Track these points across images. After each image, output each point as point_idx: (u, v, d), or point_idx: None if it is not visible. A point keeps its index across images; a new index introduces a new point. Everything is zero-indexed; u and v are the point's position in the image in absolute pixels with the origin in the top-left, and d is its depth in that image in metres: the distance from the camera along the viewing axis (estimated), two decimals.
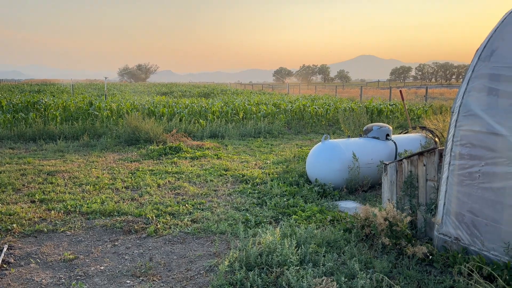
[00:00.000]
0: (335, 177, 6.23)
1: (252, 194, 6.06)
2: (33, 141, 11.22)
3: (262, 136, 12.82)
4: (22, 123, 12.20)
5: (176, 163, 8.60)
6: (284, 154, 9.67)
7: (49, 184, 6.67)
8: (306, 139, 12.65)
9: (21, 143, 10.94)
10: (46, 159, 8.81)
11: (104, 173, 7.55)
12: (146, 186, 6.61)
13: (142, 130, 11.18)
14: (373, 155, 6.45)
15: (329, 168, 6.26)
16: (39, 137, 11.38)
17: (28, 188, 6.41)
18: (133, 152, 9.93)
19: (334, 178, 6.23)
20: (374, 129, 6.78)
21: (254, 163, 8.70)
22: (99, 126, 12.54)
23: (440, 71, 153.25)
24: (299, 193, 5.93)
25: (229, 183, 6.83)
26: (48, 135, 11.57)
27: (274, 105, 17.82)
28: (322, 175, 6.31)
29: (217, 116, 14.98)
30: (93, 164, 8.38)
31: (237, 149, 10.61)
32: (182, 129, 12.60)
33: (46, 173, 7.48)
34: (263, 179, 6.96)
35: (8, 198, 5.81)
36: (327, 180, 6.24)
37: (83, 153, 9.71)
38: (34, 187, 6.49)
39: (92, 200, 5.69)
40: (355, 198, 6.03)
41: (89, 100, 17.58)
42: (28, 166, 7.98)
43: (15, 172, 7.45)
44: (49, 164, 8.19)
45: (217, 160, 9.00)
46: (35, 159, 8.70)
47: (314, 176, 6.44)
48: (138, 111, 14.51)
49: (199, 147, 10.60)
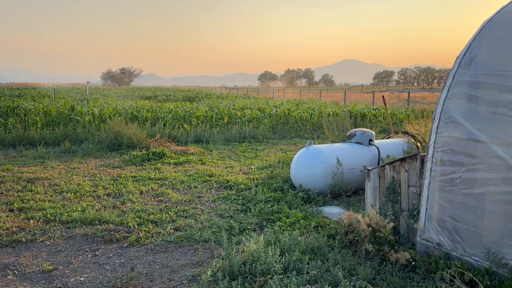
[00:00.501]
0: (319, 182, 6.24)
1: (237, 201, 6.02)
2: (12, 147, 10.97)
3: (247, 140, 12.80)
4: (1, 128, 11.90)
5: (160, 169, 8.51)
6: (268, 159, 9.66)
7: (29, 192, 6.51)
8: (291, 144, 12.68)
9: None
10: (26, 166, 8.61)
11: (85, 180, 7.41)
12: (128, 193, 6.51)
13: (125, 136, 11.04)
14: (357, 160, 6.49)
15: (313, 174, 6.27)
16: (19, 143, 11.12)
17: (6, 196, 6.24)
18: (115, 158, 9.79)
19: (318, 184, 6.24)
20: (357, 135, 6.83)
21: (238, 168, 8.67)
22: (81, 131, 12.34)
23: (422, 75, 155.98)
24: (284, 199, 5.92)
25: (214, 189, 6.78)
26: (28, 141, 11.32)
27: (259, 110, 17.84)
28: (306, 180, 6.32)
29: (202, 121, 14.90)
30: (74, 171, 8.22)
31: (222, 154, 10.56)
32: (166, 134, 12.49)
33: (26, 180, 7.30)
34: (247, 185, 6.93)
35: None
36: (311, 186, 6.24)
37: (64, 159, 9.52)
38: (12, 195, 6.32)
39: (73, 208, 5.57)
40: (339, 203, 6.04)
41: (70, 105, 17.30)
42: (6, 173, 7.78)
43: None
44: (29, 171, 8.00)
45: (202, 165, 8.93)
46: (14, 166, 8.49)
47: (298, 181, 6.44)
48: (121, 116, 14.33)
49: (183, 152, 10.51)
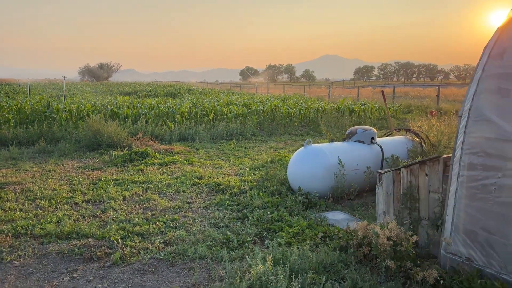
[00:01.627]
0: (319, 185, 5.76)
1: (231, 207, 5.48)
2: None
3: (235, 138, 12.23)
4: None
5: (143, 170, 7.88)
6: (260, 158, 9.14)
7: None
8: (280, 141, 12.18)
9: None
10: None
11: (62, 184, 6.74)
12: (110, 199, 5.88)
13: (105, 134, 10.32)
14: (359, 161, 6.04)
15: (313, 176, 5.79)
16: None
17: None
18: (94, 158, 9.09)
19: (318, 186, 5.76)
20: (359, 132, 6.37)
21: (229, 169, 8.12)
22: (57, 130, 11.53)
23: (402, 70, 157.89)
24: (283, 204, 5.41)
25: (204, 194, 6.22)
26: (0, 141, 10.48)
27: (245, 105, 17.26)
28: (306, 183, 5.83)
29: (186, 118, 14.24)
30: (50, 174, 7.52)
31: (209, 153, 9.98)
32: (148, 132, 11.81)
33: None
34: (241, 188, 6.39)
35: None
36: (311, 189, 5.76)
37: (38, 160, 8.78)
38: None
39: (47, 219, 4.93)
40: (342, 208, 5.58)
41: (46, 101, 16.36)
42: None
43: None
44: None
45: (189, 166, 8.34)
46: None
47: (297, 184, 5.94)
48: (100, 113, 13.54)
49: (168, 151, 9.89)
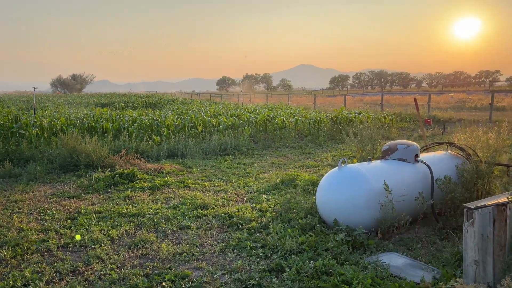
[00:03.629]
0: (362, 216, 4.60)
1: (255, 250, 4.24)
2: None
3: (230, 153, 10.98)
4: None
5: (132, 197, 6.55)
6: (265, 178, 7.93)
7: None
8: (280, 155, 11.01)
9: None
10: None
11: (30, 221, 5.34)
12: (94, 243, 4.55)
13: (82, 153, 8.88)
14: (405, 184, 4.92)
15: (353, 205, 4.63)
16: None
17: None
18: (71, 182, 7.67)
19: (360, 218, 4.60)
20: (400, 149, 5.27)
21: (234, 192, 6.88)
22: (26, 148, 10.00)
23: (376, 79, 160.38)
24: (322, 245, 4.20)
25: (215, 231, 4.94)
26: None
27: (234, 116, 16.05)
28: (344, 214, 4.66)
29: (173, 131, 12.91)
30: (16, 206, 6.09)
31: (205, 172, 8.70)
32: (132, 148, 10.40)
33: None
34: (259, 220, 5.16)
35: None
36: (351, 221, 4.59)
37: (2, 187, 7.30)
38: None
39: (8, 284, 3.56)
40: (394, 247, 4.43)
41: (14, 115, 14.68)
42: None
43: None
44: None
45: (185, 190, 7.05)
46: None
47: (331, 215, 4.76)
48: (75, 127, 12.05)
49: (157, 171, 8.55)
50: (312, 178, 7.02)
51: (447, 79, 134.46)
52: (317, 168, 8.94)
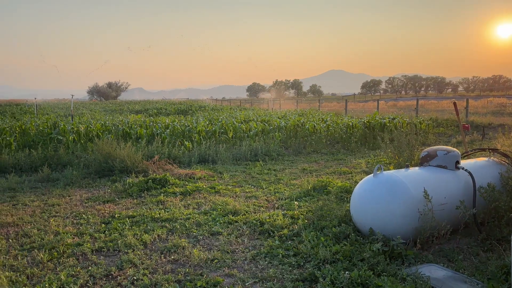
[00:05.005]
0: (399, 225, 4.41)
1: (288, 259, 4.14)
2: None
3: (260, 158, 10.92)
4: None
5: (164, 202, 6.60)
6: (297, 184, 7.81)
7: None
8: (311, 161, 10.85)
9: None
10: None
11: (66, 225, 5.46)
12: (127, 247, 4.59)
13: (117, 158, 9.07)
14: (445, 192, 4.69)
15: (390, 213, 4.44)
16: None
17: None
18: (106, 187, 7.84)
19: (397, 228, 4.41)
20: (440, 155, 5.03)
21: (264, 198, 6.80)
22: (64, 153, 10.32)
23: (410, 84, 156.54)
24: (358, 255, 4.05)
25: (246, 237, 4.88)
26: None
27: (264, 122, 16.02)
28: (380, 223, 4.48)
29: (204, 137, 13.01)
30: (53, 210, 6.26)
31: (235, 177, 8.68)
32: (165, 154, 10.54)
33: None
34: (291, 228, 5.06)
35: None
36: (387, 231, 4.41)
37: (41, 191, 7.53)
38: None
39: (44, 286, 3.62)
40: (434, 258, 4.22)
41: (53, 122, 15.26)
42: None
43: None
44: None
45: (216, 195, 7.04)
46: None
47: (366, 224, 4.60)
48: (111, 133, 12.36)
49: (189, 177, 8.61)
50: (345, 185, 6.84)
51: (485, 83, 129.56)
52: (350, 174, 8.73)
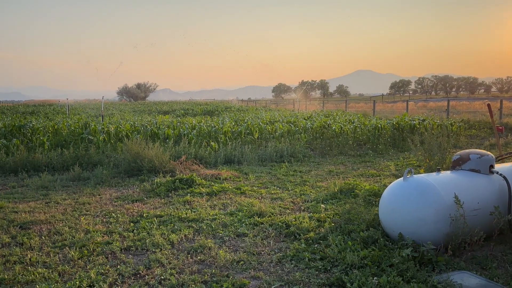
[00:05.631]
0: (429, 231, 4.29)
1: (314, 263, 4.10)
2: (14, 174, 9.28)
3: (286, 160, 10.88)
4: (2, 151, 10.27)
5: (190, 203, 6.67)
6: (323, 186, 7.73)
7: (18, 246, 4.71)
8: (338, 163, 10.72)
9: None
10: (24, 201, 6.87)
11: (96, 223, 5.60)
12: (155, 246, 4.66)
13: (145, 158, 9.25)
14: (478, 197, 4.53)
15: (420, 218, 4.33)
16: (22, 168, 9.42)
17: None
18: (134, 186, 8.00)
19: (428, 233, 4.29)
20: (473, 159, 4.87)
21: (290, 200, 6.77)
22: (94, 153, 10.60)
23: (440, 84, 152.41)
24: (386, 261, 3.96)
25: (272, 240, 4.87)
26: (33, 166, 9.62)
27: (290, 123, 15.95)
28: (409, 228, 4.37)
29: (229, 137, 13.08)
30: (84, 208, 6.43)
31: (261, 179, 8.67)
32: (191, 154, 10.66)
33: (19, 225, 5.52)
34: (317, 231, 5.01)
35: None
36: (417, 236, 4.30)
37: (72, 190, 7.76)
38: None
39: (75, 283, 3.72)
40: (466, 265, 4.07)
41: (84, 122, 15.71)
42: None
43: None
44: (26, 210, 6.24)
45: (241, 196, 7.05)
46: (10, 202, 6.75)
47: (395, 229, 4.50)
48: (139, 133, 12.61)
49: (214, 177, 8.67)
50: (373, 188, 6.72)
51: None
52: (378, 177, 8.57)
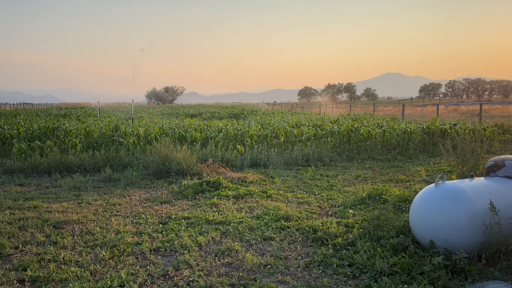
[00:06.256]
0: (462, 239, 4.17)
1: (342, 269, 4.05)
2: (47, 175, 9.62)
3: (312, 164, 10.81)
4: (37, 152, 10.67)
5: (217, 205, 6.73)
6: (350, 191, 7.64)
7: (52, 245, 4.88)
8: (366, 168, 10.56)
9: (33, 177, 9.35)
10: (57, 201, 7.11)
11: (127, 224, 5.73)
12: (183, 248, 4.73)
13: (173, 160, 9.40)
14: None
15: (453, 226, 4.21)
16: (55, 169, 9.76)
17: (21, 254, 4.63)
18: (163, 188, 8.14)
19: (460, 241, 4.17)
20: (508, 165, 4.70)
21: (317, 205, 6.72)
22: (124, 155, 10.87)
23: (472, 87, 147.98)
24: (417, 268, 3.88)
25: (298, 244, 4.84)
26: (66, 167, 9.95)
27: (317, 127, 15.84)
28: (441, 235, 4.26)
29: (255, 141, 13.12)
30: (114, 209, 6.59)
31: (287, 182, 8.65)
32: (218, 157, 10.76)
33: (53, 224, 5.72)
34: (345, 236, 4.95)
35: None
36: (449, 244, 4.19)
37: (103, 191, 7.97)
38: (31, 251, 4.71)
39: (106, 283, 3.82)
40: (501, 275, 3.93)
41: (115, 124, 16.12)
42: (31, 213, 6.25)
43: (13, 223, 5.72)
44: (59, 210, 6.45)
45: (268, 200, 7.06)
46: (44, 202, 7.00)
47: (426, 236, 4.39)
48: (167, 136, 12.84)
49: (241, 180, 8.71)
50: (403, 194, 6.58)
51: None
52: (408, 183, 8.39)
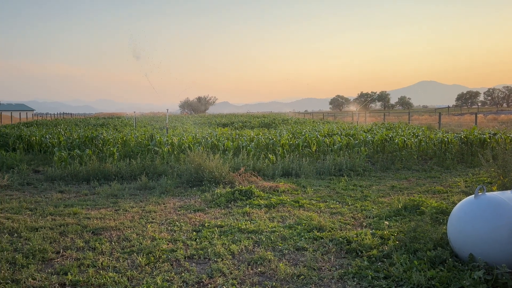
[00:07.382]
0: (503, 252, 3.99)
1: (378, 281, 3.96)
2: (86, 182, 9.98)
3: (345, 174, 10.67)
4: (77, 161, 11.10)
5: (249, 214, 6.75)
6: (385, 202, 7.47)
7: (91, 251, 5.05)
8: (401, 179, 10.30)
9: (73, 184, 9.73)
10: (95, 208, 7.36)
11: (162, 231, 5.85)
12: (216, 256, 4.77)
13: (206, 169, 9.54)
14: None
15: (494, 239, 4.04)
16: (94, 177, 10.12)
17: (62, 258, 4.82)
18: (196, 196, 8.26)
19: (502, 255, 3.99)
20: None
21: (351, 215, 6.61)
22: (159, 163, 11.13)
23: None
24: (456, 283, 3.74)
25: (332, 255, 4.78)
26: (103, 175, 10.29)
27: (348, 136, 15.63)
28: (481, 249, 4.10)
29: (287, 150, 13.10)
30: (150, 216, 6.75)
31: (319, 192, 8.57)
32: (250, 166, 10.82)
33: (91, 231, 5.91)
34: (380, 248, 4.84)
35: (30, 280, 4.18)
36: (490, 258, 4.01)
37: (139, 198, 8.18)
38: (70, 256, 4.89)
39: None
40: None
41: (150, 134, 16.56)
42: (71, 219, 6.49)
43: (54, 229, 5.97)
44: (97, 216, 6.67)
45: (300, 209, 7.01)
46: (83, 209, 7.25)
47: (465, 249, 4.23)
48: (200, 145, 13.04)
49: (272, 189, 8.71)
50: (441, 206, 6.38)
51: None
52: (446, 194, 8.11)
